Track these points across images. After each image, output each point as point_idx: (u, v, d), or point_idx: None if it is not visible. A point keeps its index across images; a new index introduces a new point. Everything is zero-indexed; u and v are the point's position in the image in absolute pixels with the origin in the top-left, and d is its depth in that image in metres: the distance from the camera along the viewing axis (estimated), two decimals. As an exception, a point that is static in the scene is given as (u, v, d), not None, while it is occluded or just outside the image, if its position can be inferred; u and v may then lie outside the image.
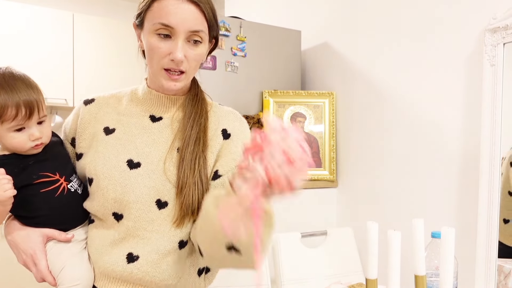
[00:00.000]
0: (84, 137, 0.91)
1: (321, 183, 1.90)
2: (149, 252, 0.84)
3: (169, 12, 0.79)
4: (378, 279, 0.79)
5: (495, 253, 1.24)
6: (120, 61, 2.95)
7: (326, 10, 2.05)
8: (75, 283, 0.83)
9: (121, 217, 0.84)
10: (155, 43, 0.81)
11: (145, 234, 0.84)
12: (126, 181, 0.84)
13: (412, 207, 1.57)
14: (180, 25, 0.79)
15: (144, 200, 0.83)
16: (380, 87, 1.72)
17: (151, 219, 0.84)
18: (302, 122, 1.93)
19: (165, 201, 0.84)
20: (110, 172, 0.85)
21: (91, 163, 0.87)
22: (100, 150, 0.87)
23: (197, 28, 0.81)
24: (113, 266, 0.84)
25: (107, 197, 0.84)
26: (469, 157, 1.37)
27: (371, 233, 0.76)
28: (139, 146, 0.87)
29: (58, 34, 2.74)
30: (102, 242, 0.86)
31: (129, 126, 0.89)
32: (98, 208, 0.86)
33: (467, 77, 1.38)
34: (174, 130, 0.89)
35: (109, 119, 0.91)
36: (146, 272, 0.83)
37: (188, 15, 0.79)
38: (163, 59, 0.82)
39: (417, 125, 1.55)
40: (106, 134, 0.89)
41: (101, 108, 0.93)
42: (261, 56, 1.97)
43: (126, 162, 0.85)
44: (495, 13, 1.26)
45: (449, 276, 0.73)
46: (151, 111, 0.91)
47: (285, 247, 1.47)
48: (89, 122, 0.91)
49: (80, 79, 2.80)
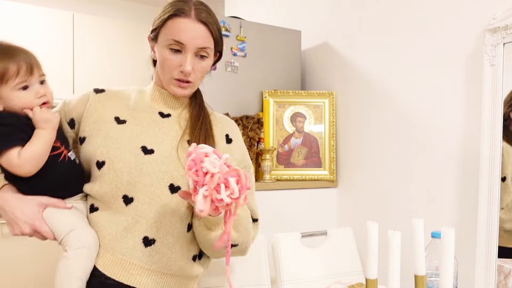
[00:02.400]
0: (89, 122, 0.95)
1: (321, 183, 1.90)
2: (164, 234, 0.90)
3: (181, 30, 0.90)
4: (378, 279, 0.79)
5: (495, 253, 1.24)
6: (120, 61, 2.95)
7: (326, 10, 2.05)
8: (84, 244, 0.85)
9: (131, 200, 0.89)
10: (167, 55, 0.92)
11: (157, 217, 0.90)
12: (141, 165, 0.90)
13: (412, 207, 1.57)
14: (190, 42, 0.90)
15: (158, 184, 0.90)
16: (380, 87, 1.72)
17: (164, 202, 0.90)
18: (302, 122, 1.93)
19: (178, 185, 0.91)
20: (125, 155, 0.90)
21: (103, 147, 0.91)
22: (112, 136, 0.92)
23: (204, 45, 0.92)
24: (132, 251, 0.88)
25: (122, 179, 0.89)
26: (469, 156, 1.37)
27: (371, 233, 0.76)
28: (151, 136, 0.94)
29: (58, 34, 2.74)
30: (115, 228, 0.89)
31: (140, 119, 0.96)
32: (108, 190, 0.89)
33: (467, 77, 1.38)
34: (182, 127, 0.98)
35: (119, 110, 0.97)
36: (164, 253, 0.90)
37: (197, 34, 0.90)
38: (174, 70, 0.93)
39: (417, 125, 1.55)
40: (117, 123, 0.94)
41: (111, 99, 0.99)
42: (261, 56, 1.97)
43: (141, 148, 0.92)
44: (495, 13, 1.26)
45: (449, 276, 0.73)
46: (160, 109, 0.99)
47: (285, 247, 1.47)
48: (96, 109, 0.96)
49: (80, 79, 2.79)
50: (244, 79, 1.93)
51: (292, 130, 1.92)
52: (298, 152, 1.92)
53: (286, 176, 1.89)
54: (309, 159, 1.92)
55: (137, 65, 3.01)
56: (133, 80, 2.95)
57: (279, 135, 1.91)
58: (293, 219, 1.81)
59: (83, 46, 2.83)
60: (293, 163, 1.91)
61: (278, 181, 1.84)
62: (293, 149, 1.92)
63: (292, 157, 1.91)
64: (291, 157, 1.91)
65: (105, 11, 3.25)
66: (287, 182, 1.84)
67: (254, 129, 1.88)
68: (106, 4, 3.27)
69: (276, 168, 1.89)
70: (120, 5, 3.32)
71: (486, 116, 1.27)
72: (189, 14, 0.90)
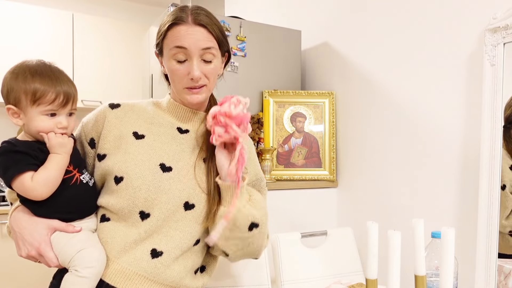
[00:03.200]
0: (109, 139, 0.95)
1: (321, 183, 1.90)
2: (172, 248, 0.91)
3: (181, 36, 0.91)
4: (378, 279, 0.79)
5: (495, 253, 1.24)
6: (120, 61, 2.95)
7: (326, 10, 2.05)
8: (93, 264, 0.85)
9: (147, 216, 0.90)
10: (174, 66, 0.93)
11: (169, 232, 0.91)
12: (159, 182, 0.91)
13: (412, 207, 1.57)
14: (193, 46, 0.91)
15: (174, 201, 0.91)
16: (380, 86, 1.72)
17: (177, 218, 0.92)
18: (302, 122, 1.93)
19: (193, 203, 0.93)
20: (143, 173, 0.91)
21: (122, 163, 0.92)
22: (131, 151, 0.93)
23: (207, 46, 0.92)
24: (138, 261, 0.89)
25: (139, 196, 0.90)
26: (469, 157, 1.37)
27: (371, 233, 0.76)
28: (170, 153, 0.95)
29: (58, 34, 2.74)
30: (125, 240, 0.90)
31: (158, 135, 0.97)
32: (125, 206, 0.90)
33: (467, 77, 1.38)
34: (199, 143, 1.00)
35: (137, 125, 0.98)
36: (168, 266, 0.91)
37: (198, 36, 0.91)
38: (183, 80, 0.93)
39: (417, 125, 1.55)
40: (136, 138, 0.95)
41: (127, 113, 0.99)
42: (261, 56, 1.97)
43: (159, 165, 0.93)
44: (495, 13, 1.26)
45: (449, 276, 0.73)
46: (178, 124, 1.00)
47: (285, 247, 1.47)
48: (115, 125, 0.97)
49: (80, 79, 2.79)
50: (244, 79, 1.93)
51: (292, 130, 1.92)
52: (298, 152, 1.92)
53: (286, 176, 1.89)
54: (309, 159, 1.92)
55: (137, 65, 3.01)
56: (133, 80, 2.95)
57: (279, 135, 1.91)
58: (293, 219, 1.81)
59: (83, 46, 2.83)
60: (293, 163, 1.91)
61: (278, 181, 1.84)
62: (293, 149, 1.92)
63: (292, 157, 1.91)
64: (291, 157, 1.91)
65: (105, 11, 3.25)
66: (287, 182, 1.84)
67: (254, 129, 1.88)
68: (106, 4, 3.27)
69: (276, 168, 1.89)
70: (120, 5, 3.32)
71: (486, 116, 1.27)
72: (186, 20, 0.91)
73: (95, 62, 2.87)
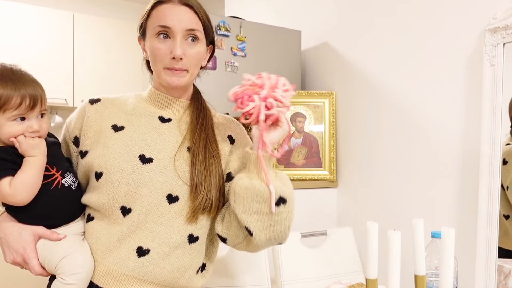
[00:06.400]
0: (90, 135, 0.92)
1: (321, 183, 1.90)
2: (159, 245, 0.87)
3: (166, 15, 0.87)
4: (378, 279, 0.79)
5: (495, 253, 1.24)
6: (120, 61, 2.95)
7: (326, 10, 2.05)
8: (77, 270, 0.83)
9: (129, 211, 0.86)
10: (156, 45, 0.88)
11: (154, 227, 0.87)
12: (139, 175, 0.87)
13: (412, 207, 1.57)
14: (177, 25, 0.87)
15: (156, 194, 0.87)
16: (380, 87, 1.72)
17: (161, 212, 0.87)
18: (302, 122, 1.93)
19: (176, 195, 0.88)
20: (122, 166, 0.87)
21: (101, 158, 0.88)
22: (109, 145, 0.89)
23: (192, 27, 0.89)
24: (124, 261, 0.86)
25: (119, 190, 0.86)
26: (469, 157, 1.37)
27: (371, 233, 0.76)
28: (150, 143, 0.91)
29: (58, 34, 2.74)
30: (109, 238, 0.87)
31: (138, 125, 0.93)
32: (105, 201, 0.87)
33: (467, 77, 1.38)
34: (183, 132, 0.94)
35: (117, 117, 0.94)
36: (157, 264, 0.87)
37: (183, 16, 0.88)
38: (165, 59, 0.88)
39: (417, 125, 1.55)
40: (114, 131, 0.91)
41: (107, 107, 0.96)
42: (261, 56, 1.97)
43: (139, 157, 0.88)
44: (495, 13, 1.26)
45: (449, 276, 0.73)
46: (159, 113, 0.95)
47: (285, 247, 1.47)
48: (95, 120, 0.93)
49: (80, 79, 2.80)
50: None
51: (292, 130, 1.92)
52: (298, 152, 1.92)
53: (286, 176, 1.89)
54: (309, 159, 1.92)
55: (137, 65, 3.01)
56: (132, 80, 2.95)
57: (279, 135, 1.91)
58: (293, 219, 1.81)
59: (83, 46, 2.83)
60: (293, 163, 1.91)
61: (278, 181, 1.83)
62: (293, 149, 1.92)
63: (292, 157, 1.91)
64: (291, 157, 1.91)
65: (105, 11, 3.25)
66: (287, 182, 1.84)
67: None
68: (106, 4, 3.27)
69: (276, 168, 1.89)
70: (120, 5, 3.32)
71: (486, 115, 1.27)
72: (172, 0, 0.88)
73: (95, 62, 2.87)
